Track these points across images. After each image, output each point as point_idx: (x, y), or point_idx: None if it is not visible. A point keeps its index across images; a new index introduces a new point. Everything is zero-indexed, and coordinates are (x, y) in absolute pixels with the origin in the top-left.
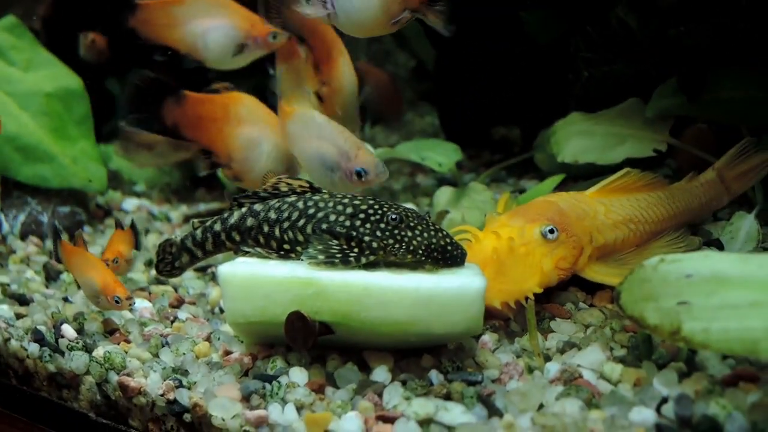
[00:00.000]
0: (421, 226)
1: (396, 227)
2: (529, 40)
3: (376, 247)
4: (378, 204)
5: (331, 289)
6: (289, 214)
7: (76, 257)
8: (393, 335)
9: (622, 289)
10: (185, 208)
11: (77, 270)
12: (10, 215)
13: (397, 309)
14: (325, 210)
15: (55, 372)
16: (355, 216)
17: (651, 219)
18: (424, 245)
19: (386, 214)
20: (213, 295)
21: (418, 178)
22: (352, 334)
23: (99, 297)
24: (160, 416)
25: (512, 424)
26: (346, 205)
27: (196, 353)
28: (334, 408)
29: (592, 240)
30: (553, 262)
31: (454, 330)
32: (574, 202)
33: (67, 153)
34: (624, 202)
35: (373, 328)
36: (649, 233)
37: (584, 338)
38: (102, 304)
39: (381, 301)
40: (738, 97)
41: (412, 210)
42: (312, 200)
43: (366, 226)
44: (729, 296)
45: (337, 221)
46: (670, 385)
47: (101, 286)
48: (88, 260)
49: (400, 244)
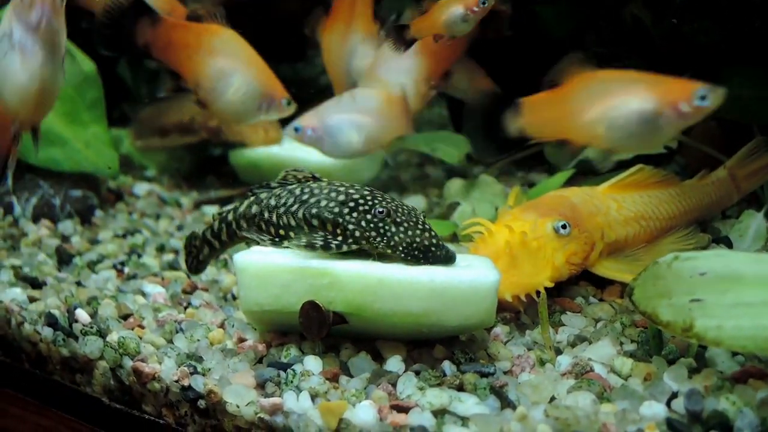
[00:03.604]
0: (408, 223)
1: (381, 220)
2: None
3: (358, 236)
4: (372, 195)
5: (346, 280)
6: (286, 200)
7: None
8: (406, 326)
9: (635, 285)
10: (196, 194)
11: None
12: (22, 198)
13: (410, 301)
14: (318, 196)
15: (69, 356)
16: (345, 203)
17: (662, 216)
18: (406, 243)
19: (375, 206)
20: (226, 282)
21: (427, 169)
22: (366, 324)
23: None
24: (174, 402)
25: (525, 416)
26: (339, 192)
27: (210, 340)
28: (348, 397)
29: (604, 236)
30: (565, 257)
31: (467, 322)
32: (586, 198)
33: (79, 137)
34: (636, 198)
35: (387, 319)
36: (659, 230)
37: (595, 332)
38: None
39: (395, 293)
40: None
41: (409, 207)
42: (309, 187)
43: (353, 215)
44: (743, 294)
45: (327, 207)
46: (680, 381)
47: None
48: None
49: (382, 237)
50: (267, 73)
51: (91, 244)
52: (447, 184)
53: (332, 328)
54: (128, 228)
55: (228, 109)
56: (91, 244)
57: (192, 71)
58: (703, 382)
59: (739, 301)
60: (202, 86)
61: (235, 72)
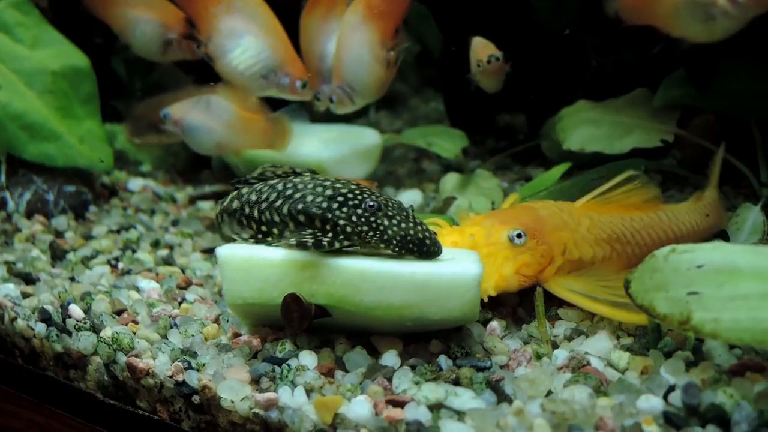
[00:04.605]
0: (400, 216)
1: (373, 214)
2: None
3: (350, 232)
4: (360, 190)
5: (328, 273)
6: (267, 195)
7: None
8: (388, 319)
9: (632, 278)
10: (190, 189)
11: None
12: (15, 193)
13: (392, 294)
14: (303, 191)
15: (62, 352)
16: (333, 198)
17: (643, 241)
18: (400, 236)
19: (365, 200)
20: (220, 277)
21: (423, 163)
22: (348, 317)
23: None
24: (168, 398)
25: (522, 410)
26: (326, 187)
27: (204, 335)
28: (343, 392)
29: (566, 252)
30: (515, 268)
31: (449, 316)
32: (555, 211)
33: (73, 132)
34: (615, 219)
35: (369, 312)
36: (640, 256)
37: (591, 326)
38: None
39: (377, 286)
40: (746, 88)
41: (396, 201)
42: (292, 182)
43: (342, 210)
44: (740, 287)
45: (314, 202)
46: (676, 374)
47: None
48: None
49: (375, 231)
50: (284, 47)
51: (85, 240)
52: (443, 178)
53: (314, 321)
54: (122, 223)
55: (231, 70)
56: (85, 239)
57: (207, 23)
58: (700, 375)
59: (737, 293)
60: (213, 41)
61: (247, 34)
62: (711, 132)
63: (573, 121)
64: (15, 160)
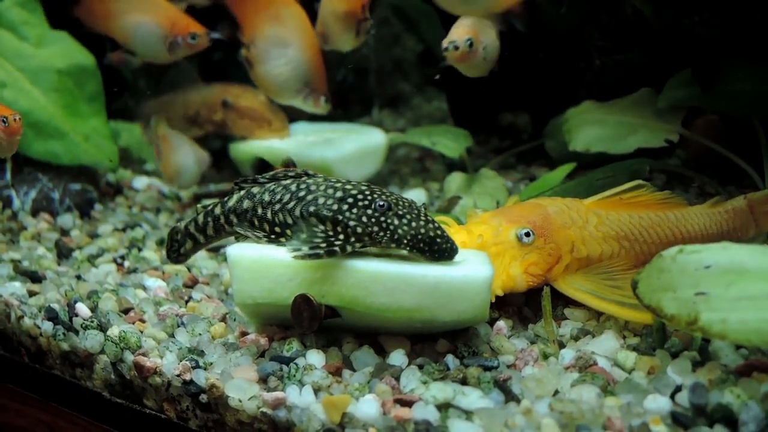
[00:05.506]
0: (411, 215)
1: (383, 214)
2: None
3: (360, 232)
4: (370, 190)
5: (338, 274)
6: (281, 196)
7: None
8: (399, 321)
9: (639, 278)
10: (195, 188)
11: None
12: (21, 191)
13: (403, 296)
14: (315, 193)
15: (69, 350)
16: (343, 200)
17: (652, 239)
18: (411, 235)
19: (375, 200)
20: (227, 276)
21: (427, 163)
22: (358, 318)
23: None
24: (175, 396)
25: (530, 409)
26: (336, 189)
27: (212, 334)
28: (351, 391)
29: (574, 250)
30: (523, 267)
31: (459, 318)
32: (563, 209)
33: (78, 130)
34: (624, 217)
35: (379, 313)
36: (649, 254)
37: (598, 326)
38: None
39: (388, 288)
40: (750, 89)
41: (408, 200)
42: (305, 183)
43: (353, 211)
44: (747, 288)
45: (325, 204)
46: (683, 374)
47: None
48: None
49: (385, 231)
50: (318, 64)
51: (91, 238)
52: (447, 178)
53: (324, 321)
54: (128, 222)
55: (270, 78)
56: (91, 237)
57: (253, 27)
58: (707, 375)
59: (744, 294)
60: (256, 45)
61: (293, 46)
62: (715, 132)
63: (578, 121)
64: (20, 158)
